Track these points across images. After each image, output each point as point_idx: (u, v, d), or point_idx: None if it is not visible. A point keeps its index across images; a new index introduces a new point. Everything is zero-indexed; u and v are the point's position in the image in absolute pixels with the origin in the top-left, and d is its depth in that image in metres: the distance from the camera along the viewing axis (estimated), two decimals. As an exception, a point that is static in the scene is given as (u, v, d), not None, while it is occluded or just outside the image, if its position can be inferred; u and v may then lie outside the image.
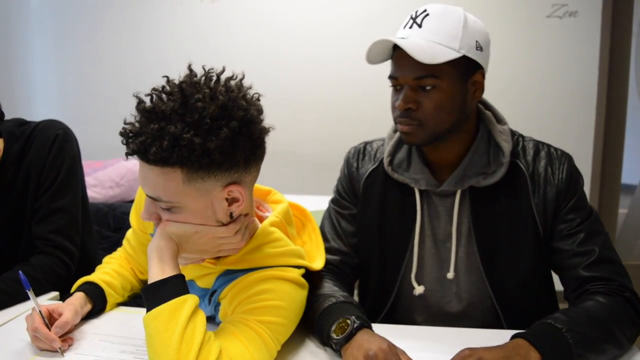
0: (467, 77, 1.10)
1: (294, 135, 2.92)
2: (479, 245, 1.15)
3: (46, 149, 1.35)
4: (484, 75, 1.13)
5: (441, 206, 1.19)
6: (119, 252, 1.24)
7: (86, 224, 1.47)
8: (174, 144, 0.77)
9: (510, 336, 0.95)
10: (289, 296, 0.94)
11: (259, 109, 0.86)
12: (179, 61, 0.88)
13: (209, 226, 0.88)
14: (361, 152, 1.29)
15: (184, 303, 0.82)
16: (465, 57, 1.06)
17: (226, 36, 2.97)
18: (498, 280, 1.16)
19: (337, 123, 2.94)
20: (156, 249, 0.87)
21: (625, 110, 2.82)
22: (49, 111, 3.23)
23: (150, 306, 0.82)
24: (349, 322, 0.95)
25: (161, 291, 0.83)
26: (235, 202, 0.88)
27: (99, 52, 3.15)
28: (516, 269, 1.15)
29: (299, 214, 1.15)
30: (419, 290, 1.19)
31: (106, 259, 1.22)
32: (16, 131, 1.37)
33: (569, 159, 1.16)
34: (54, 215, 1.34)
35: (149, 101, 0.81)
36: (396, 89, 1.13)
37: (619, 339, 0.96)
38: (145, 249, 0.92)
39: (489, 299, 1.17)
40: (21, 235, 1.36)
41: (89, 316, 1.10)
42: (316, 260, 1.07)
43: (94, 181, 2.46)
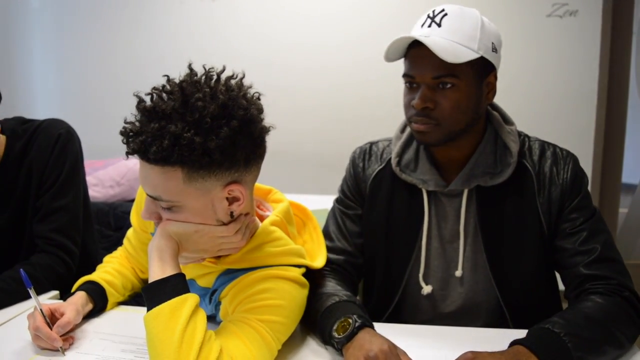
0: (483, 78, 1.11)
1: (294, 135, 2.92)
2: (485, 244, 1.15)
3: (49, 147, 1.35)
4: (496, 76, 1.14)
5: (449, 206, 1.19)
6: (120, 251, 1.24)
7: (87, 223, 1.47)
8: (174, 143, 0.77)
9: (512, 335, 0.95)
10: (289, 295, 0.94)
11: (260, 108, 0.86)
12: (179, 60, 0.88)
13: (210, 225, 0.88)
14: (367, 153, 1.29)
15: (185, 302, 0.82)
16: (482, 58, 1.07)
17: (226, 35, 2.97)
18: (504, 279, 1.16)
19: (337, 122, 2.94)
20: (156, 248, 0.87)
21: (626, 109, 2.82)
22: (49, 110, 3.23)
23: (150, 305, 0.82)
24: (350, 321, 0.95)
25: (162, 290, 0.83)
26: (235, 201, 0.88)
27: (99, 52, 3.15)
28: (521, 267, 1.15)
29: (300, 212, 1.15)
30: (427, 289, 1.20)
31: (107, 258, 1.23)
32: (19, 129, 1.38)
33: (574, 159, 1.17)
34: (55, 214, 1.34)
35: (150, 100, 0.81)
36: (411, 87, 1.12)
37: (618, 339, 0.96)
38: (146, 248, 0.92)
39: (494, 298, 1.18)
40: (23, 233, 1.36)
41: (90, 315, 1.10)
42: (317, 258, 1.07)
43: (95, 180, 2.46)
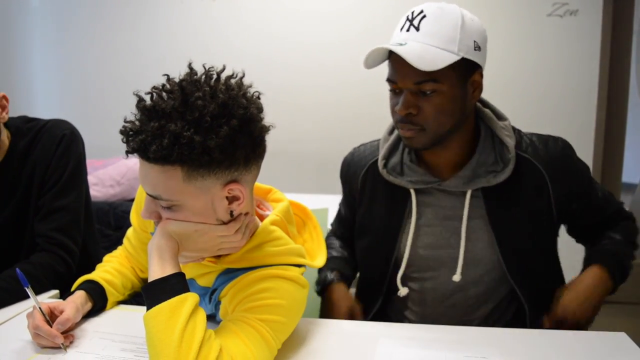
0: (467, 78, 1.10)
1: (294, 134, 2.92)
2: (499, 241, 1.16)
3: (52, 147, 1.36)
4: (482, 74, 1.13)
5: (446, 201, 1.20)
6: (120, 251, 1.24)
7: (88, 224, 1.48)
8: (174, 142, 0.77)
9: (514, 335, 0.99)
10: (289, 295, 0.94)
11: (259, 107, 0.86)
12: (179, 60, 0.88)
13: (209, 225, 0.88)
14: (351, 159, 1.34)
15: (184, 301, 0.82)
16: (464, 59, 1.06)
17: (227, 35, 2.98)
18: (517, 271, 1.18)
19: (337, 121, 2.94)
20: (156, 247, 0.87)
21: (626, 108, 2.82)
22: (49, 110, 3.23)
23: (150, 304, 0.82)
24: (323, 276, 1.28)
25: (161, 289, 0.83)
26: (235, 200, 0.88)
27: (99, 51, 3.15)
28: (533, 256, 1.19)
29: (300, 212, 1.15)
30: (403, 292, 1.23)
31: (107, 257, 1.23)
32: (24, 127, 1.38)
33: (571, 146, 1.21)
34: (56, 214, 1.34)
35: (149, 99, 0.81)
36: (395, 92, 1.13)
37: (636, 244, 1.29)
38: (146, 247, 0.92)
39: (506, 287, 1.21)
40: (24, 232, 1.37)
41: (90, 314, 1.10)
42: (317, 258, 1.07)
43: (95, 180, 2.46)
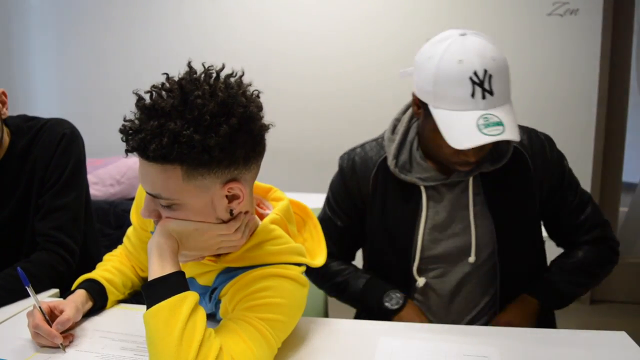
0: None
1: (294, 133, 2.92)
2: (496, 224, 1.24)
3: (53, 146, 1.36)
4: None
5: (450, 194, 1.26)
6: (120, 250, 1.24)
7: (88, 222, 1.48)
8: (173, 141, 0.77)
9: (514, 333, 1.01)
10: (289, 294, 0.94)
11: (259, 106, 0.86)
12: (179, 59, 0.88)
13: (209, 223, 0.88)
14: (354, 161, 1.34)
15: (184, 300, 0.82)
16: None
17: (227, 34, 2.98)
18: (508, 253, 1.26)
19: (337, 120, 2.94)
20: (156, 246, 0.87)
21: (626, 108, 2.82)
22: (49, 109, 3.23)
23: (150, 303, 0.82)
24: (398, 295, 1.28)
25: (161, 288, 0.83)
26: (235, 199, 0.88)
27: (99, 50, 3.16)
28: (525, 240, 1.30)
29: (300, 211, 1.15)
30: (421, 282, 1.28)
31: (107, 256, 1.23)
32: (24, 126, 1.38)
33: (553, 142, 1.30)
34: (56, 213, 1.35)
35: (149, 98, 0.81)
36: None
37: (600, 277, 1.33)
38: (146, 246, 0.92)
39: (493, 274, 1.28)
40: (24, 230, 1.37)
41: (90, 313, 1.10)
42: (317, 257, 1.07)
43: (95, 179, 2.46)
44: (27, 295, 1.00)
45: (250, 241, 0.95)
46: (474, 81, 1.07)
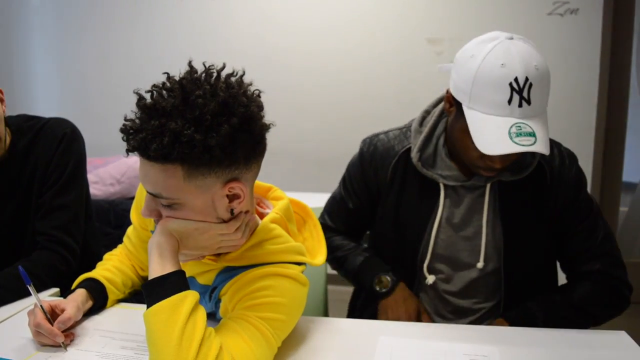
0: None
1: (294, 132, 2.92)
2: (505, 233, 1.23)
3: (53, 146, 1.36)
4: None
5: (466, 197, 1.25)
6: (120, 249, 1.24)
7: (89, 222, 1.48)
8: (174, 141, 0.77)
9: (514, 333, 1.02)
10: (289, 293, 0.94)
11: (260, 106, 0.86)
12: (179, 58, 0.87)
13: (210, 223, 0.88)
14: (376, 146, 1.33)
15: (185, 299, 0.82)
16: None
17: (228, 33, 2.97)
18: (514, 267, 1.24)
19: (338, 120, 2.94)
20: (157, 245, 0.87)
21: (627, 108, 2.81)
22: (49, 108, 3.23)
23: (150, 302, 0.82)
24: (388, 278, 1.29)
25: (162, 287, 0.83)
26: (236, 198, 0.88)
27: (100, 50, 3.15)
28: (531, 257, 1.25)
29: (300, 210, 1.15)
30: (430, 279, 1.28)
31: (107, 255, 1.23)
32: (24, 125, 1.39)
33: (575, 158, 1.26)
34: (57, 212, 1.35)
35: (150, 98, 0.81)
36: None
37: (595, 318, 1.23)
38: (146, 245, 0.92)
39: (497, 282, 1.26)
40: (25, 230, 1.37)
41: (90, 312, 1.10)
42: (317, 256, 1.07)
43: (95, 178, 2.46)
44: (28, 294, 1.01)
45: (250, 240, 0.95)
46: (513, 87, 1.04)
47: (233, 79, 0.85)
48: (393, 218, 1.31)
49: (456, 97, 1.13)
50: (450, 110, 1.18)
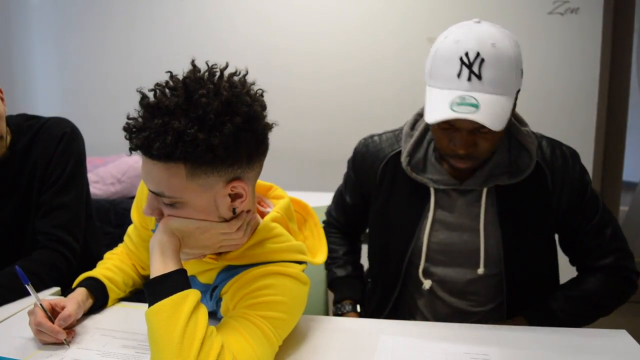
0: (514, 105, 1.14)
1: (296, 132, 2.92)
2: (503, 239, 1.20)
3: (53, 145, 1.36)
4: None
5: (459, 201, 1.23)
6: (120, 248, 1.24)
7: (89, 222, 1.48)
8: (177, 139, 0.77)
9: (515, 332, 1.02)
10: (290, 291, 0.94)
11: (263, 105, 0.86)
12: (180, 58, 0.88)
13: (211, 222, 0.88)
14: (369, 147, 1.33)
15: (186, 298, 0.82)
16: None
17: (229, 32, 2.97)
18: (515, 270, 1.22)
19: (339, 120, 2.93)
20: (158, 243, 0.87)
21: (627, 107, 2.81)
22: (49, 108, 3.23)
23: (152, 301, 0.82)
24: (342, 305, 1.38)
25: (163, 286, 0.83)
26: (238, 198, 0.88)
27: (100, 49, 3.15)
28: (533, 260, 1.23)
29: (300, 209, 1.15)
30: (427, 284, 1.26)
31: (107, 254, 1.23)
32: (24, 125, 1.39)
33: (578, 157, 1.24)
34: (57, 211, 1.35)
35: (153, 96, 0.81)
36: (443, 127, 1.12)
37: (607, 309, 1.24)
38: (146, 244, 0.92)
39: (499, 287, 1.25)
40: (25, 229, 1.37)
41: (91, 311, 1.10)
42: (318, 255, 1.07)
43: (96, 177, 2.46)
44: (28, 293, 1.01)
45: (251, 239, 0.95)
46: (463, 61, 1.05)
47: (236, 78, 0.85)
48: (382, 220, 1.31)
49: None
50: None
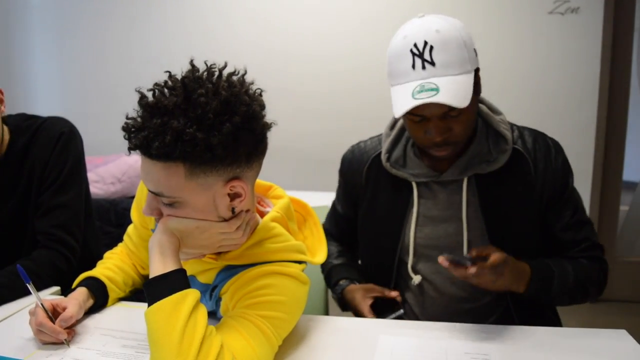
0: (477, 84, 1.13)
1: (295, 131, 2.92)
2: (487, 228, 1.20)
3: (51, 145, 1.36)
4: (479, 69, 1.16)
5: (441, 194, 1.24)
6: (120, 248, 1.24)
7: (89, 221, 1.48)
8: (176, 139, 0.77)
9: (515, 332, 1.02)
10: (289, 291, 0.94)
11: (262, 104, 0.86)
12: (178, 57, 0.88)
13: (211, 221, 0.88)
14: (353, 155, 1.36)
15: (186, 297, 0.82)
16: None
17: (229, 32, 2.97)
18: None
19: (338, 119, 2.94)
20: (158, 243, 0.87)
21: (627, 107, 2.81)
22: (49, 107, 3.23)
23: (151, 300, 0.82)
24: (340, 284, 1.34)
25: (163, 285, 0.83)
26: (237, 197, 0.88)
27: (99, 48, 3.15)
28: (520, 245, 1.21)
29: (300, 208, 1.15)
30: (416, 279, 1.26)
31: (107, 254, 1.23)
32: (22, 124, 1.39)
33: (561, 148, 1.25)
34: (56, 211, 1.35)
35: (152, 96, 0.81)
36: (415, 120, 1.14)
37: (589, 294, 1.22)
38: (146, 244, 0.92)
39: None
40: (25, 229, 1.37)
41: (91, 311, 1.10)
42: (317, 254, 1.07)
43: (96, 177, 2.46)
44: (28, 292, 1.01)
45: (250, 239, 0.95)
46: (414, 53, 1.08)
47: (235, 77, 0.85)
48: (370, 221, 1.33)
49: None
50: None
